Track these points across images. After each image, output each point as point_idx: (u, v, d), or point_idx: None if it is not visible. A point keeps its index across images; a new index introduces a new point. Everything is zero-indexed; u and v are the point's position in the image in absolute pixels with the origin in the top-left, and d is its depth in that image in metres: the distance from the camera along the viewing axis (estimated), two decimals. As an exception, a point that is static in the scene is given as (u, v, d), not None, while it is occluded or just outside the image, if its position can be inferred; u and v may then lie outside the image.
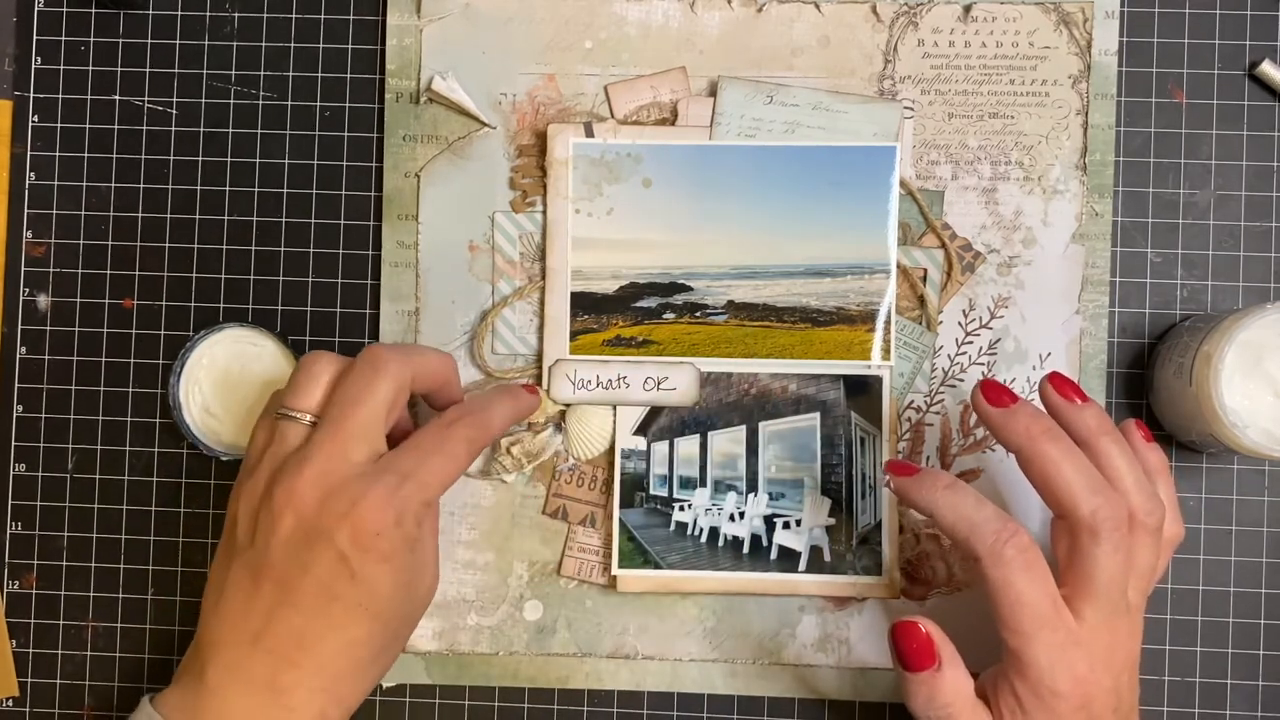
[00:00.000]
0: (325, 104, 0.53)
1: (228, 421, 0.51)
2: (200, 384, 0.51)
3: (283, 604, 0.42)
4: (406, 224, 0.52)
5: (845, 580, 0.51)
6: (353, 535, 0.41)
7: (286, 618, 0.42)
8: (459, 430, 0.45)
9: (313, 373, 0.44)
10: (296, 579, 0.42)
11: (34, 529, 0.53)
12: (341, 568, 0.41)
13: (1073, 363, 0.51)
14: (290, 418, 0.44)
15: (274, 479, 0.43)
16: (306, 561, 0.41)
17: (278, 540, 0.42)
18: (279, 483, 0.42)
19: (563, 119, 0.52)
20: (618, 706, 0.52)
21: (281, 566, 0.42)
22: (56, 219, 0.53)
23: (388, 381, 0.43)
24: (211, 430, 0.51)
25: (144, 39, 0.53)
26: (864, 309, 0.51)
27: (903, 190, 0.51)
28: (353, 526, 0.41)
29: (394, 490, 0.42)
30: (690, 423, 0.51)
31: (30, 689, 0.53)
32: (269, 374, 0.51)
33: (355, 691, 0.43)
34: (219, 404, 0.51)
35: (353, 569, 0.41)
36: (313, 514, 0.42)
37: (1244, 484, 0.51)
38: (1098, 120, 0.51)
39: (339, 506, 0.41)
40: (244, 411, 0.51)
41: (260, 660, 0.42)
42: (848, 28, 0.52)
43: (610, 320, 0.51)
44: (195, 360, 0.51)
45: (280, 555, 0.42)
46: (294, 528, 0.42)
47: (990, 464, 0.51)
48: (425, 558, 0.44)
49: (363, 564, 0.41)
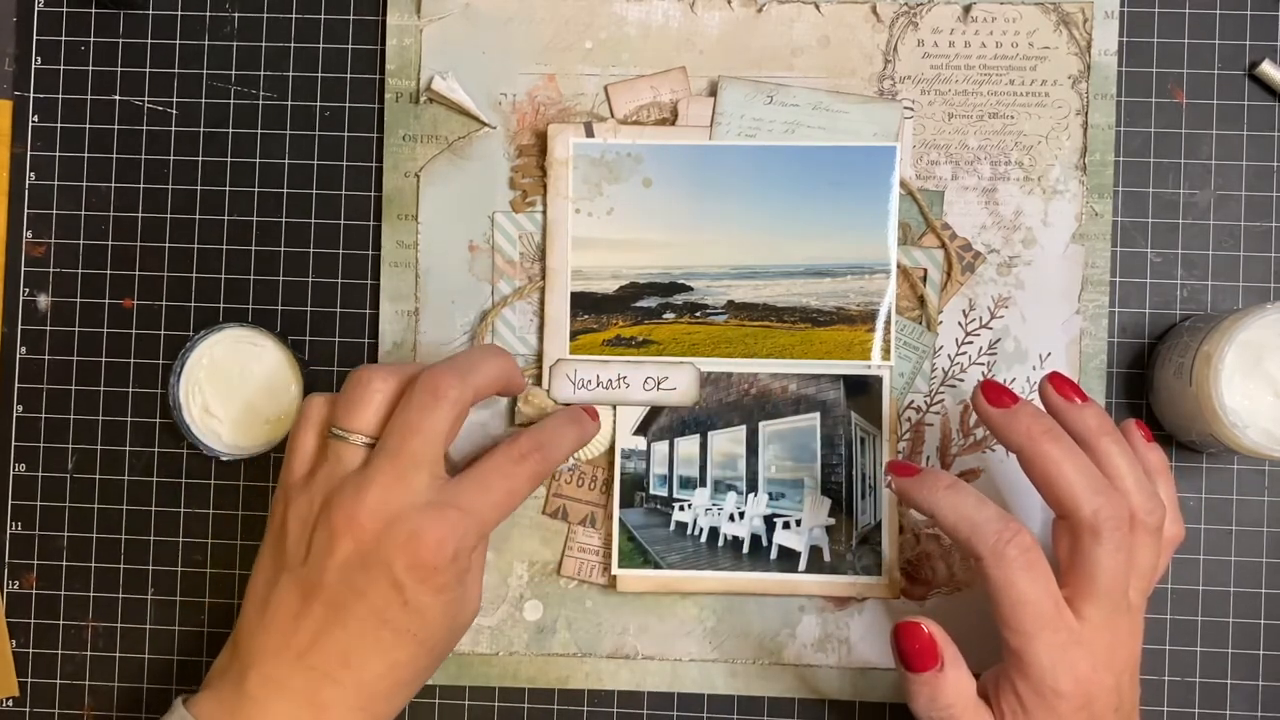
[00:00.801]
0: (325, 104, 0.53)
1: (228, 421, 0.52)
2: (200, 384, 0.51)
3: (332, 624, 0.42)
4: (406, 224, 0.52)
5: (845, 580, 0.51)
6: (410, 566, 0.41)
7: (335, 638, 0.42)
8: (527, 467, 0.45)
9: (369, 391, 0.44)
10: (349, 602, 0.42)
11: (34, 529, 0.53)
12: (395, 595, 0.42)
13: (1073, 363, 0.51)
14: (343, 438, 0.44)
15: (331, 500, 0.43)
16: (361, 586, 0.42)
17: (334, 563, 0.42)
18: (338, 506, 0.42)
19: (563, 119, 0.52)
20: (618, 706, 0.52)
21: (334, 588, 0.42)
22: (56, 219, 0.53)
23: (448, 409, 0.43)
24: (211, 430, 0.51)
25: (144, 39, 0.53)
26: (864, 309, 0.51)
27: (903, 190, 0.51)
28: (411, 557, 0.41)
29: (455, 525, 0.42)
30: (690, 423, 0.51)
31: (30, 689, 0.53)
32: (269, 373, 0.52)
33: (390, 710, 0.44)
34: (219, 404, 0.51)
35: (406, 597, 0.42)
36: (372, 541, 0.42)
37: (1244, 484, 0.51)
38: (1097, 120, 0.51)
39: (399, 537, 0.42)
40: (244, 411, 0.52)
41: (303, 675, 0.42)
42: (848, 28, 0.52)
43: (610, 320, 0.51)
44: (195, 360, 0.51)
45: (335, 578, 0.42)
46: (351, 553, 0.42)
47: (990, 464, 0.51)
48: (472, 588, 0.45)
49: (417, 594, 0.42)
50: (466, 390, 0.44)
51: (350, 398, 0.44)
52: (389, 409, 0.44)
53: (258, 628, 0.43)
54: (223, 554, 0.53)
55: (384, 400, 0.44)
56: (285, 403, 0.52)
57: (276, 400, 0.52)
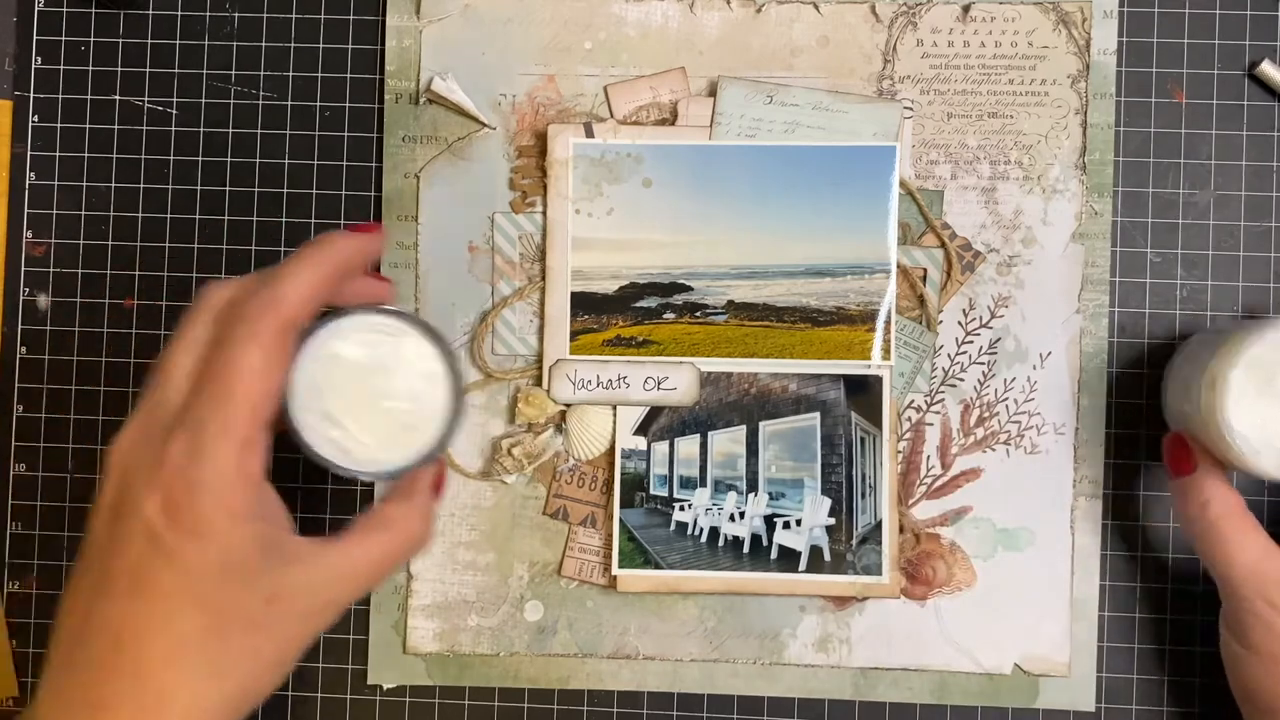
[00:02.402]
0: (325, 104, 0.53)
1: (357, 430, 0.42)
2: (319, 385, 0.41)
3: (98, 594, 0.35)
4: (406, 225, 0.52)
5: (845, 580, 0.51)
6: (164, 503, 0.34)
7: (101, 611, 0.34)
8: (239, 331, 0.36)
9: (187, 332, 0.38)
10: (109, 563, 0.35)
11: (34, 529, 0.53)
12: (150, 547, 0.34)
13: (1073, 362, 0.51)
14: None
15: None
16: (119, 539, 0.35)
17: (98, 515, 0.36)
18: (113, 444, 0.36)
19: (563, 119, 0.52)
20: (618, 707, 0.52)
21: (98, 548, 0.35)
22: (56, 219, 0.54)
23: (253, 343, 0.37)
24: (334, 442, 0.41)
25: (144, 39, 0.53)
26: (864, 309, 0.51)
27: (902, 190, 0.51)
28: (163, 496, 0.34)
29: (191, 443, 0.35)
30: (690, 423, 0.51)
31: (30, 689, 0.53)
32: (409, 369, 0.42)
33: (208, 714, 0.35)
34: (345, 410, 0.41)
35: (162, 548, 0.34)
36: (120, 480, 0.36)
37: (1244, 484, 0.51)
38: (1097, 120, 0.51)
39: (144, 473, 0.35)
40: (377, 417, 0.42)
41: (79, 673, 0.34)
42: (847, 28, 0.52)
43: (610, 320, 0.51)
44: (312, 355, 0.41)
45: (99, 534, 0.35)
46: (109, 498, 0.36)
47: (990, 464, 0.51)
48: (270, 524, 0.37)
49: (178, 542, 0.34)
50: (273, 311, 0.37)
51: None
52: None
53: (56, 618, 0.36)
54: (223, 554, 0.53)
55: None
56: (431, 406, 0.42)
57: (419, 403, 0.42)
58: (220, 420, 0.35)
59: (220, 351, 0.36)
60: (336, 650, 0.52)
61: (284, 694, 0.52)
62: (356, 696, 0.52)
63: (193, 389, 0.36)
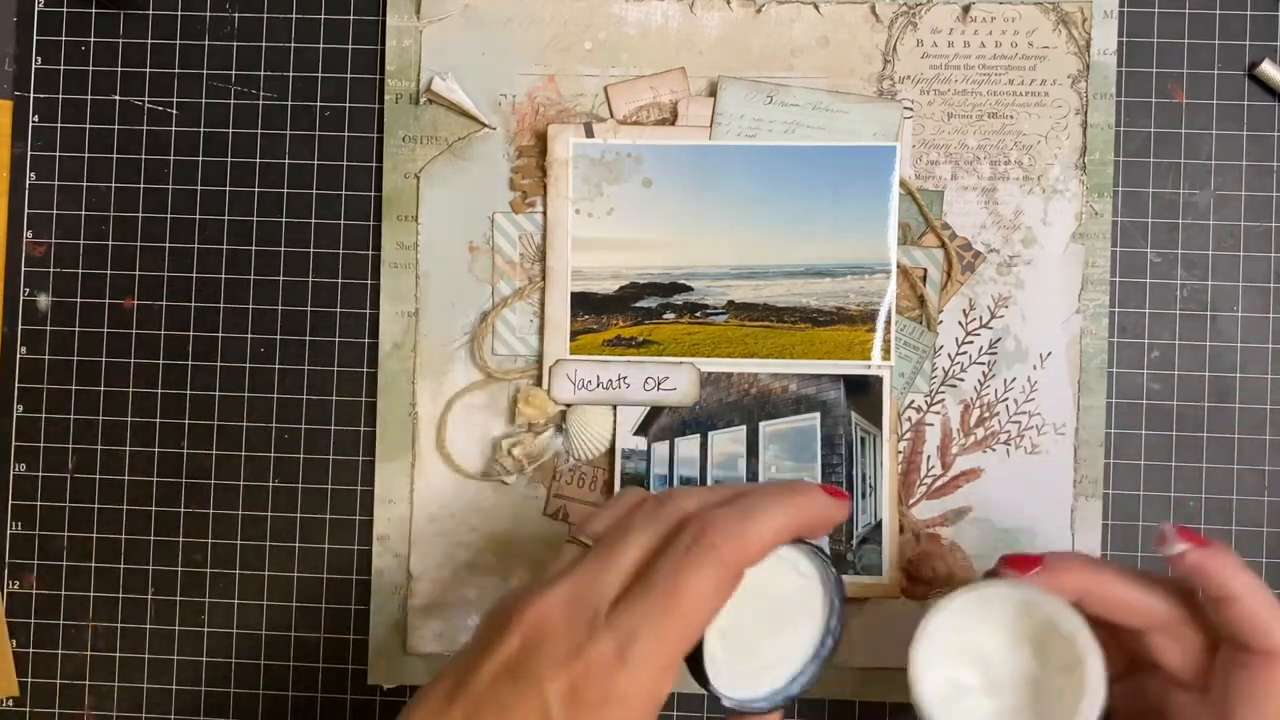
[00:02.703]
0: (325, 104, 0.53)
1: (728, 656, 0.40)
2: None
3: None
4: (406, 225, 0.52)
5: (845, 580, 0.51)
6: (569, 692, 0.34)
7: None
8: (704, 564, 0.36)
9: (624, 544, 0.37)
10: (486, 706, 0.35)
11: (34, 529, 0.53)
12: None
13: (1073, 362, 0.51)
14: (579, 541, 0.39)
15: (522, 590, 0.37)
16: (508, 701, 0.35)
17: (489, 663, 0.35)
18: (522, 594, 0.36)
19: (563, 119, 0.52)
20: (618, 707, 0.52)
21: (479, 696, 0.35)
22: (56, 219, 0.54)
23: (716, 566, 0.36)
24: (712, 656, 0.39)
25: (144, 39, 0.53)
26: (864, 309, 0.51)
27: (903, 190, 0.51)
28: (570, 683, 0.34)
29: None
30: (690, 423, 0.51)
31: (30, 689, 0.53)
32: (790, 604, 0.41)
33: None
34: (727, 636, 0.40)
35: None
36: (533, 645, 0.35)
37: (1244, 484, 0.51)
38: (1097, 120, 0.51)
39: (560, 651, 0.35)
40: (745, 647, 0.40)
41: None
42: (847, 28, 0.52)
43: (610, 320, 0.51)
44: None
45: (484, 682, 0.35)
46: (512, 654, 0.35)
47: (990, 464, 0.51)
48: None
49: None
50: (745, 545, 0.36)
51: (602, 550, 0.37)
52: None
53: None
54: (223, 554, 0.53)
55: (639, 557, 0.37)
56: (797, 645, 0.41)
57: (784, 638, 0.41)
58: (654, 640, 0.35)
59: (673, 567, 0.36)
60: (337, 650, 0.52)
61: (284, 694, 0.52)
62: (356, 696, 0.52)
63: (634, 589, 0.36)
